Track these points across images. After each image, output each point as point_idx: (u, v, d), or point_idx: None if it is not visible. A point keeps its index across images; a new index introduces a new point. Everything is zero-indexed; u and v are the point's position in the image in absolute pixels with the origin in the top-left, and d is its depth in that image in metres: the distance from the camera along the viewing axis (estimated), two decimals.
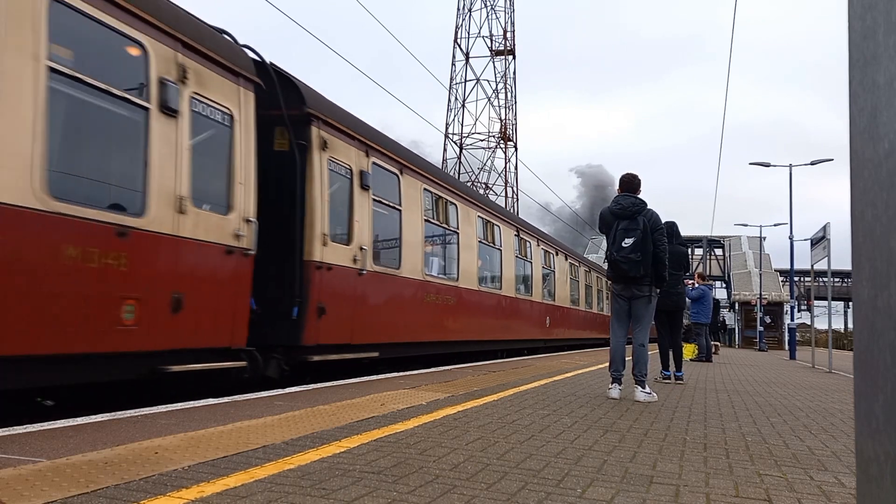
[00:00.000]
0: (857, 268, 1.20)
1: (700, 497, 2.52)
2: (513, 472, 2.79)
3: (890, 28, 1.12)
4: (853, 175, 1.21)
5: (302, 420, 3.90)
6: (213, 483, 2.42)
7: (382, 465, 2.81)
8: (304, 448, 3.09)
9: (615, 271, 5.98)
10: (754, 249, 50.29)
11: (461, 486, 2.50)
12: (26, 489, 2.23)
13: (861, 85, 1.19)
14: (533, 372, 8.44)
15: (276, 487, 2.39)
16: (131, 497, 2.20)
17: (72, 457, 2.73)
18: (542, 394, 5.88)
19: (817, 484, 2.86)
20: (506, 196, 45.18)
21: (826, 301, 18.33)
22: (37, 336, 4.03)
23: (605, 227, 6.15)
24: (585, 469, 2.91)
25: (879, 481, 1.12)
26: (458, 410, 4.56)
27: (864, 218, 1.17)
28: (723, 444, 3.72)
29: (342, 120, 7.49)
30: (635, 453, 3.32)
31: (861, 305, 1.18)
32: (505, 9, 45.56)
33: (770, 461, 3.31)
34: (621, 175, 6.29)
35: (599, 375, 8.29)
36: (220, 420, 3.81)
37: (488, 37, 45.50)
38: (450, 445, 3.30)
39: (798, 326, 26.76)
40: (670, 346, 8.44)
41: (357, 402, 4.82)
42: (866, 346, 1.16)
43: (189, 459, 2.76)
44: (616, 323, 6.23)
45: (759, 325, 36.60)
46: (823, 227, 13.29)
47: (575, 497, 2.43)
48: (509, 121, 45.99)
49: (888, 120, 1.12)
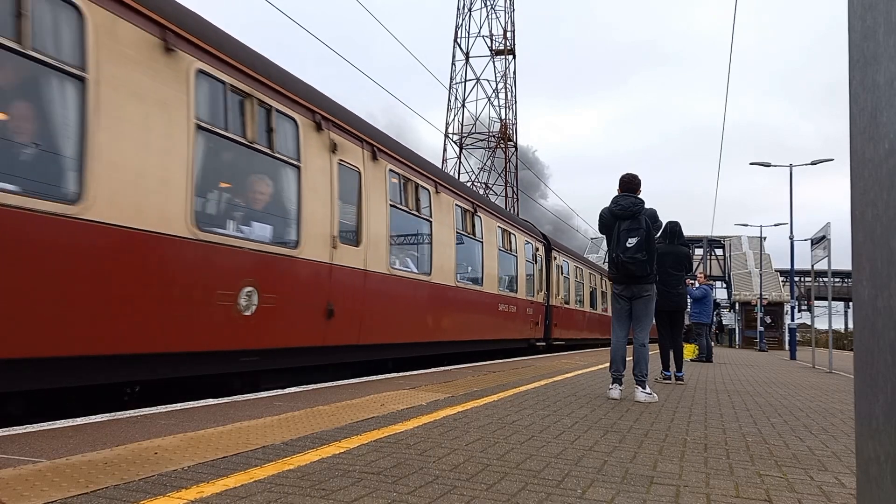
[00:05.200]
0: (857, 268, 1.19)
1: (700, 497, 2.51)
2: (513, 472, 2.79)
3: (890, 28, 1.12)
4: (853, 175, 1.21)
5: (302, 420, 3.90)
6: (213, 483, 2.41)
7: (382, 465, 2.81)
8: (303, 448, 3.09)
9: (620, 271, 5.95)
10: (755, 249, 50.29)
11: (461, 487, 2.50)
12: (26, 489, 2.23)
13: (861, 85, 1.19)
14: (533, 372, 8.44)
15: (275, 488, 2.39)
16: (131, 497, 2.20)
17: (72, 457, 2.73)
18: (542, 394, 5.87)
19: (817, 484, 2.85)
20: (506, 196, 45.19)
21: (826, 301, 18.32)
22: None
23: (605, 228, 6.11)
24: (586, 470, 2.91)
25: (879, 482, 1.12)
26: (458, 411, 4.56)
27: (864, 218, 1.17)
28: (723, 445, 3.72)
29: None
30: (636, 454, 3.32)
31: (861, 306, 1.18)
32: (505, 8, 45.62)
33: (770, 461, 3.31)
34: (621, 175, 6.24)
35: (599, 376, 8.29)
36: (220, 420, 3.80)
37: (488, 36, 45.55)
38: (450, 446, 3.30)
39: (798, 326, 26.71)
40: (671, 347, 8.44)
41: (357, 402, 4.82)
42: (867, 346, 1.16)
43: (189, 460, 2.76)
44: (616, 323, 6.22)
45: (760, 325, 36.60)
46: (824, 227, 13.28)
47: (575, 497, 2.42)
48: (509, 121, 46.02)
49: (888, 120, 1.12)
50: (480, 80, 45.81)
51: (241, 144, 5.57)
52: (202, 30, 5.25)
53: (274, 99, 6.00)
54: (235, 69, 5.52)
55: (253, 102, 5.69)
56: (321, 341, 6.69)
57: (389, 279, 8.08)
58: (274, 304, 5.80)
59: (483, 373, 8.03)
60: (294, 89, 6.39)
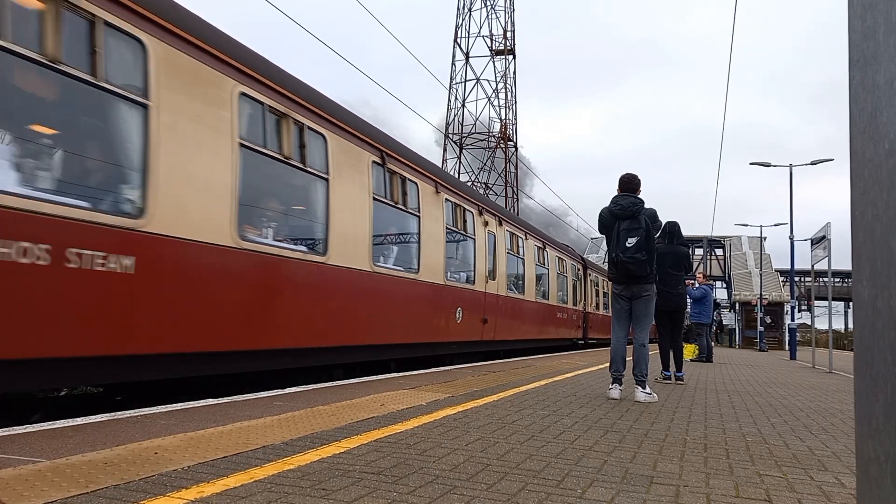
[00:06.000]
0: (857, 268, 1.19)
1: (700, 497, 2.51)
2: (513, 472, 2.79)
3: (890, 28, 1.12)
4: (853, 175, 1.21)
5: (302, 420, 3.90)
6: (213, 483, 2.41)
7: (382, 465, 2.81)
8: (303, 448, 3.09)
9: (620, 271, 5.94)
10: (755, 249, 50.27)
11: (461, 487, 2.50)
12: (26, 489, 2.23)
13: (861, 85, 1.19)
14: (533, 372, 8.44)
15: (275, 488, 2.39)
16: (131, 497, 2.20)
17: (72, 457, 2.73)
18: (542, 394, 5.87)
19: (817, 484, 2.85)
20: (506, 196, 45.18)
21: (826, 301, 18.30)
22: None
23: (605, 228, 6.10)
24: (586, 469, 2.91)
25: (879, 482, 1.12)
26: (458, 411, 4.56)
27: (864, 218, 1.17)
28: (723, 445, 3.72)
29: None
30: (636, 454, 3.32)
31: (861, 306, 1.18)
32: (505, 8, 45.59)
33: (770, 461, 3.31)
34: (621, 175, 6.22)
35: (599, 376, 8.29)
36: (220, 420, 3.80)
37: (488, 36, 45.52)
38: (450, 446, 3.30)
39: (798, 327, 26.69)
40: (671, 347, 8.43)
41: (357, 402, 4.82)
42: (867, 346, 1.16)
43: (189, 460, 2.76)
44: (616, 323, 6.21)
45: (760, 325, 36.59)
46: (824, 227, 13.28)
47: (575, 497, 2.43)
48: (509, 120, 46.00)
49: (888, 120, 1.12)
50: (480, 80, 45.82)
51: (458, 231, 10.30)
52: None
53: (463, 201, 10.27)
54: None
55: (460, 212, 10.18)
56: (480, 336, 11.24)
57: (511, 300, 13.02)
58: (463, 317, 10.31)
59: (483, 373, 8.03)
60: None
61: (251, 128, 5.68)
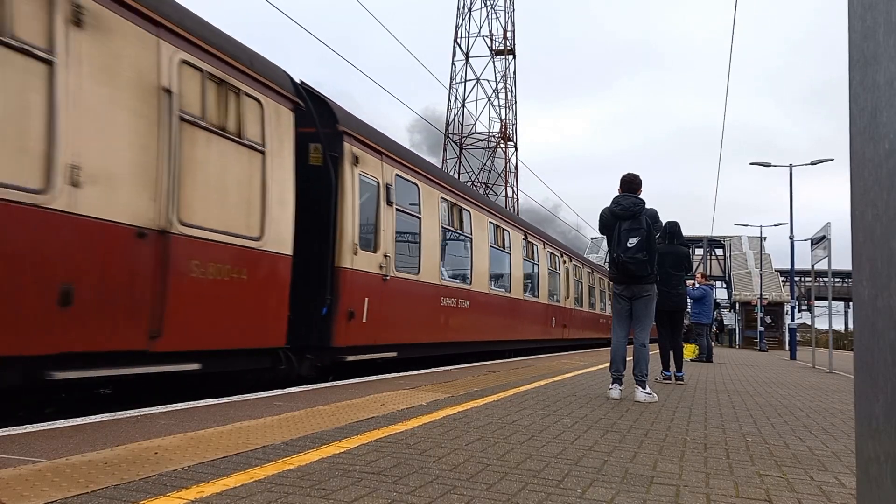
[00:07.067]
0: (857, 268, 1.19)
1: (700, 497, 2.51)
2: (513, 472, 2.79)
3: (890, 28, 1.12)
4: (853, 175, 1.21)
5: (302, 420, 3.90)
6: (213, 483, 2.41)
7: (382, 465, 2.81)
8: (303, 448, 3.09)
9: (621, 272, 5.94)
10: (755, 249, 50.25)
11: (461, 487, 2.50)
12: (26, 489, 2.23)
13: (861, 85, 1.18)
14: (533, 372, 8.44)
15: (275, 488, 2.39)
16: (131, 497, 2.20)
17: (72, 457, 2.73)
18: (542, 394, 5.87)
19: (817, 484, 2.85)
20: (506, 196, 45.18)
21: (826, 301, 18.31)
22: None
23: (606, 228, 6.10)
24: (586, 469, 2.91)
25: (879, 481, 1.12)
26: (458, 411, 4.56)
27: (864, 218, 1.17)
28: (723, 445, 3.72)
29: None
30: (636, 454, 3.32)
31: (861, 306, 1.18)
32: (505, 8, 45.58)
33: (770, 461, 3.31)
34: (622, 175, 6.22)
35: (599, 376, 8.29)
36: (220, 420, 3.80)
37: (488, 36, 45.52)
38: (450, 446, 3.30)
39: (798, 327, 26.70)
40: (671, 347, 8.43)
41: (357, 402, 4.82)
42: (867, 346, 1.16)
43: (189, 460, 2.76)
44: (617, 323, 6.21)
45: (760, 325, 36.59)
46: (824, 227, 13.28)
47: (575, 497, 2.43)
48: (509, 121, 46.00)
49: (888, 120, 1.12)
50: (480, 80, 45.82)
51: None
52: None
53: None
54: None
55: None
56: (561, 336, 17.45)
57: (577, 311, 19.62)
58: (555, 323, 16.77)
59: (483, 373, 8.03)
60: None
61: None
